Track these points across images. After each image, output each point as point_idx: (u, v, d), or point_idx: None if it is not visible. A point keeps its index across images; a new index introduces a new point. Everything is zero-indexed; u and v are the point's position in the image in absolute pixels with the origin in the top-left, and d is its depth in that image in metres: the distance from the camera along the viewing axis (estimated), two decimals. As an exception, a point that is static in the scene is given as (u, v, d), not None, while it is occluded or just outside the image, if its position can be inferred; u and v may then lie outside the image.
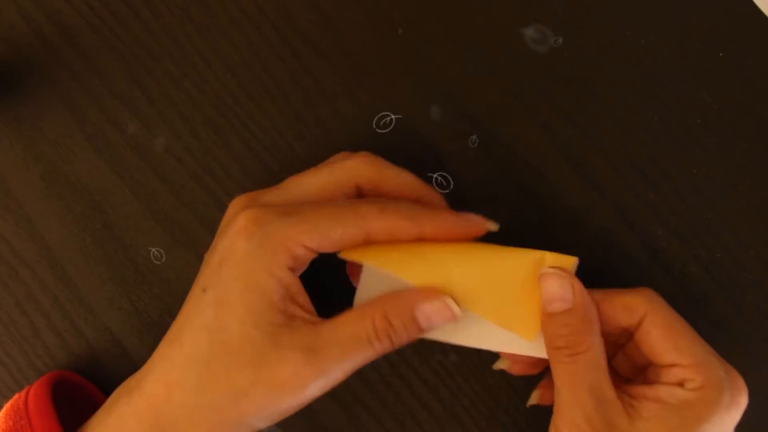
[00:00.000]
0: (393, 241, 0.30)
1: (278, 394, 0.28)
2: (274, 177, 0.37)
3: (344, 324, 0.29)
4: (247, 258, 0.29)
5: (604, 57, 0.36)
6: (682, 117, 0.36)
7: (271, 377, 0.28)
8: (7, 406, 0.33)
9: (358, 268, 0.32)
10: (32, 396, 0.32)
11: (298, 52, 0.37)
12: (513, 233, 0.36)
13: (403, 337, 0.29)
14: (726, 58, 0.36)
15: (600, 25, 0.36)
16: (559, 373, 0.29)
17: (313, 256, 0.30)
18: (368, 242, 0.30)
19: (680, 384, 0.29)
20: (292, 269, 0.29)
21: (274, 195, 0.32)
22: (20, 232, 0.38)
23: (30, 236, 0.38)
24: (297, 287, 0.30)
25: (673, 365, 0.29)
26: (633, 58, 0.36)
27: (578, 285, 0.30)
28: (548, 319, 0.29)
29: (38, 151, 0.38)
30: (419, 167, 0.37)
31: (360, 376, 0.37)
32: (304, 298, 0.30)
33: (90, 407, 0.33)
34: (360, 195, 0.32)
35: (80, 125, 0.38)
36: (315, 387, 0.28)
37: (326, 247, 0.30)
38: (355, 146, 0.37)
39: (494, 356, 0.36)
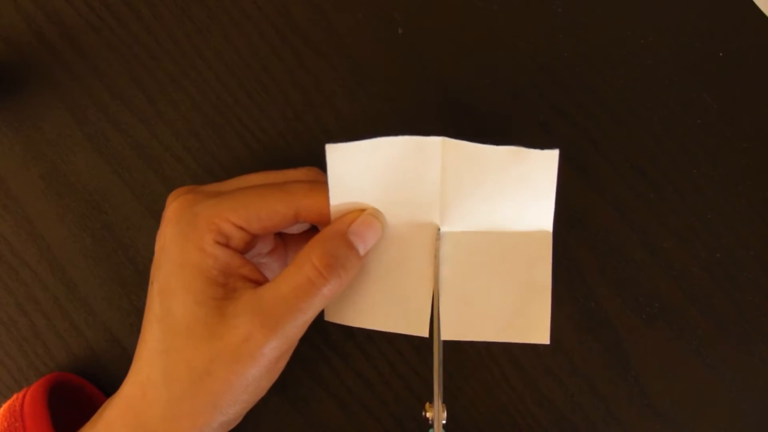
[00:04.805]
0: (322, 222, 0.30)
1: (238, 365, 0.28)
2: (274, 177, 0.37)
3: (284, 277, 0.29)
4: (178, 240, 0.29)
5: (604, 57, 0.36)
6: (682, 117, 0.36)
7: (225, 349, 0.28)
8: (5, 406, 0.33)
9: None
10: (28, 399, 0.32)
11: (298, 51, 0.37)
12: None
13: (349, 269, 0.29)
14: (726, 58, 0.36)
15: (600, 25, 0.36)
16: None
17: (248, 236, 0.30)
18: (298, 221, 0.30)
19: None
20: (224, 245, 0.29)
21: (210, 186, 0.32)
22: (20, 232, 0.38)
23: (30, 236, 0.38)
24: (238, 260, 0.30)
25: None
26: (633, 58, 0.36)
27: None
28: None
29: (38, 151, 0.38)
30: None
31: (360, 376, 0.37)
32: (249, 269, 0.30)
33: (90, 408, 0.33)
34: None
35: (80, 125, 0.38)
36: (272, 348, 0.28)
37: (256, 226, 0.30)
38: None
39: (493, 356, 0.36)
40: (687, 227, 0.36)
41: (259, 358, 0.28)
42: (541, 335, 0.31)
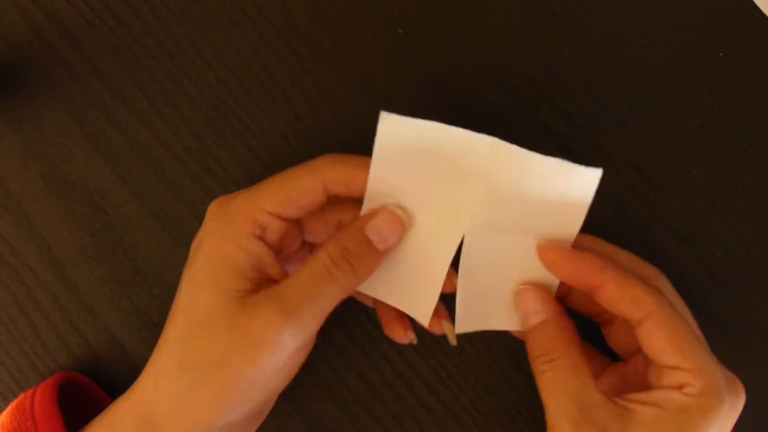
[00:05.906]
0: (351, 193, 0.31)
1: (255, 353, 0.28)
2: (274, 177, 0.37)
3: (303, 268, 0.29)
4: (214, 235, 0.30)
5: (604, 57, 0.36)
6: (682, 117, 0.36)
7: (244, 336, 0.28)
8: (12, 405, 0.32)
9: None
10: (38, 398, 0.32)
11: (298, 52, 0.37)
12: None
13: (362, 260, 0.30)
14: (726, 58, 0.36)
15: (600, 25, 0.36)
16: (542, 386, 0.29)
17: (284, 223, 0.30)
18: (328, 195, 0.31)
19: (679, 388, 0.28)
20: (260, 238, 0.30)
21: (245, 189, 0.32)
22: (20, 232, 0.38)
23: (30, 236, 0.38)
24: (269, 258, 0.30)
25: (674, 368, 0.28)
26: (633, 58, 0.36)
27: (551, 297, 0.31)
28: (528, 333, 0.31)
29: (38, 151, 0.38)
30: (419, 167, 0.37)
31: (360, 376, 0.37)
32: (276, 269, 0.30)
33: (95, 409, 0.33)
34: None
35: (80, 125, 0.38)
36: (289, 336, 0.28)
37: (290, 209, 0.30)
38: (355, 146, 0.37)
39: (494, 356, 0.36)
40: (687, 227, 0.36)
41: (276, 347, 0.28)
42: None
